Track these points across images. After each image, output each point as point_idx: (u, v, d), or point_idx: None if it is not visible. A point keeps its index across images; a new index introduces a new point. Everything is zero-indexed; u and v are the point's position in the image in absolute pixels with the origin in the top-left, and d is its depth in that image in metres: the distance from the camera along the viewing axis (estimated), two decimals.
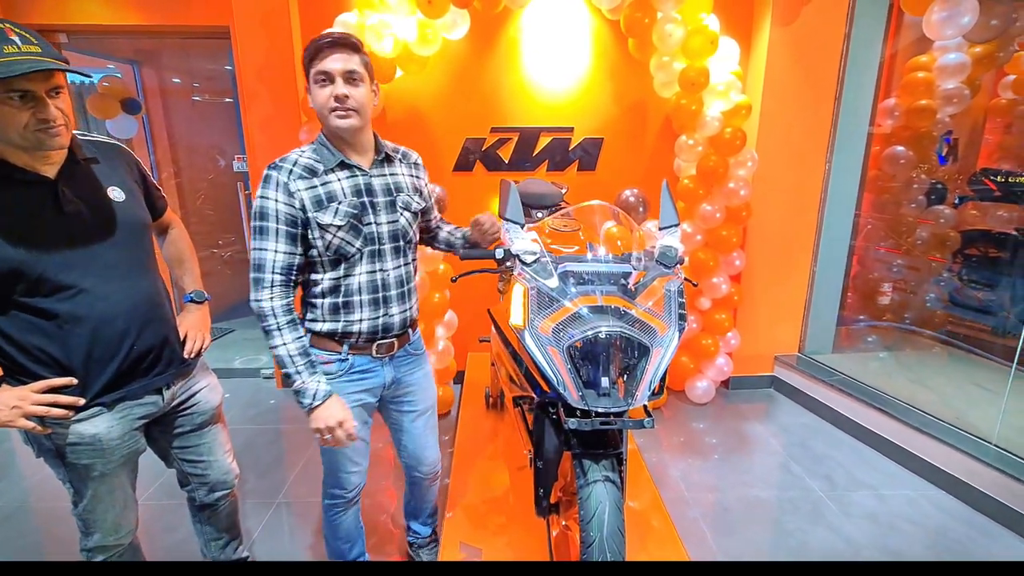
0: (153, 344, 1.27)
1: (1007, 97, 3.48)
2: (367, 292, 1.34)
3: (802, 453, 2.65)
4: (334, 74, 1.21)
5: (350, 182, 1.30)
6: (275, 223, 1.24)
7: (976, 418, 2.48)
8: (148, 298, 1.26)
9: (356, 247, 1.31)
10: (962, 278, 3.60)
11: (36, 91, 1.03)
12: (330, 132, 1.29)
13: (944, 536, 2.06)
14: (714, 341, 3.07)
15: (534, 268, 1.27)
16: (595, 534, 1.14)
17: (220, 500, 1.57)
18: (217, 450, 1.51)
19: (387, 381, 1.46)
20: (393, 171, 1.39)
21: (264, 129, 2.93)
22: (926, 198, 3.56)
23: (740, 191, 2.79)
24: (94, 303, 1.15)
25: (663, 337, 1.20)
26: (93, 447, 1.21)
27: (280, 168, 1.25)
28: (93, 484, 1.26)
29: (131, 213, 1.24)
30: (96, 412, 1.21)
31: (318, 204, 1.25)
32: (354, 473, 1.51)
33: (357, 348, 1.38)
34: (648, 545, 1.72)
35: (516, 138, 3.06)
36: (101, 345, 1.18)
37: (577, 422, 1.15)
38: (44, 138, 1.06)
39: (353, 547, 1.66)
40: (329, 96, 1.21)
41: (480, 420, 2.58)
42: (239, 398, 3.23)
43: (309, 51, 1.23)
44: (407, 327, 1.46)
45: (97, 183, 1.20)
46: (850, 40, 2.86)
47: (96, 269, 1.16)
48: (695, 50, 2.53)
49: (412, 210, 1.41)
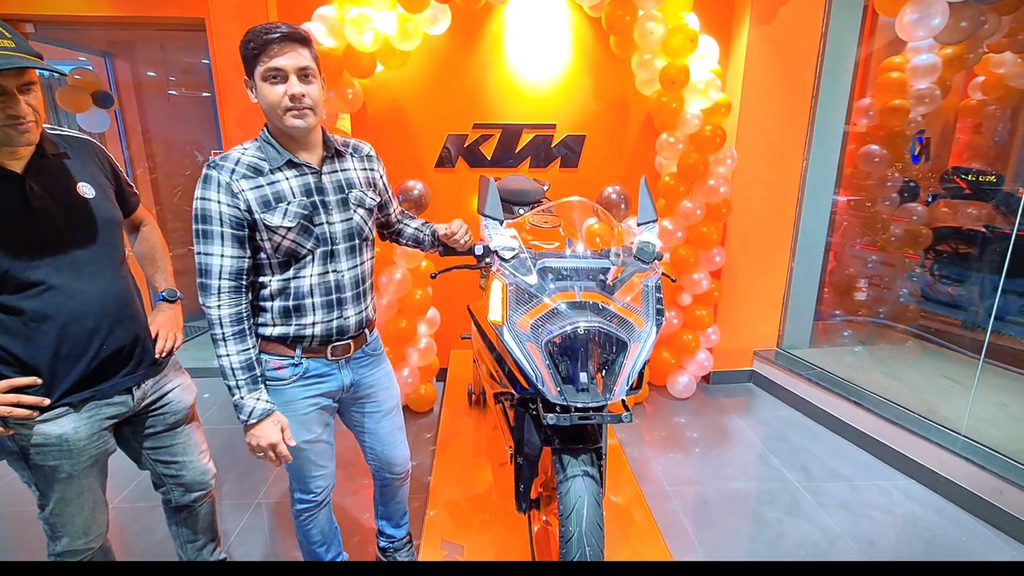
0: (123, 343, 1.25)
1: (976, 98, 3.58)
2: (320, 295, 1.28)
3: (780, 446, 2.70)
4: (287, 71, 1.14)
5: (299, 181, 1.23)
6: (219, 226, 1.18)
7: (946, 410, 2.55)
8: (118, 296, 1.24)
9: (307, 248, 1.25)
10: (934, 274, 3.70)
11: (7, 86, 1.02)
12: (278, 130, 1.22)
13: (914, 524, 2.12)
14: (695, 337, 3.11)
15: (512, 264, 1.27)
16: (574, 528, 1.15)
17: (197, 501, 1.54)
18: (192, 450, 1.48)
19: (345, 384, 1.40)
20: (344, 167, 1.33)
21: (241, 124, 2.87)
22: (899, 196, 3.64)
23: (720, 188, 2.83)
24: (62, 301, 1.13)
25: (640, 332, 1.21)
26: (60, 448, 1.19)
27: (221, 167, 1.17)
28: (60, 486, 1.23)
29: (101, 209, 1.22)
30: (63, 412, 1.18)
31: (265, 205, 1.19)
32: (320, 476, 1.46)
33: (310, 351, 1.32)
34: (628, 539, 1.74)
35: (498, 134, 3.05)
36: (69, 344, 1.15)
37: (556, 417, 1.15)
38: (13, 134, 1.05)
39: (329, 549, 1.61)
40: (283, 95, 1.14)
41: (463, 417, 2.57)
42: (217, 398, 3.18)
43: (253, 45, 1.13)
44: (363, 328, 1.40)
45: (66, 178, 1.17)
46: (826, 40, 2.92)
47: (64, 266, 1.14)
48: (675, 48, 2.55)
49: (366, 207, 1.35)
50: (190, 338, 3.99)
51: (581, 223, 1.47)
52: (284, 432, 1.26)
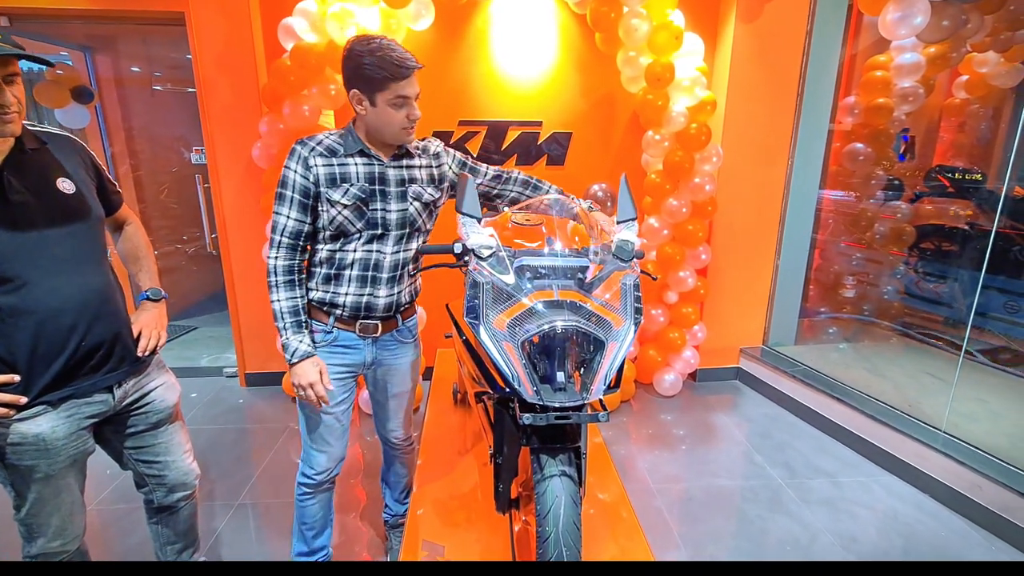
0: (103, 340, 1.23)
1: (960, 97, 3.62)
2: (358, 268, 1.43)
3: (764, 443, 2.71)
4: (411, 99, 1.36)
5: (365, 168, 1.40)
6: (291, 192, 1.36)
7: (927, 406, 2.58)
8: (98, 292, 1.22)
9: (357, 227, 1.40)
10: (917, 271, 3.74)
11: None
12: (382, 137, 1.40)
13: (895, 520, 2.14)
14: (681, 334, 3.11)
15: (489, 263, 1.26)
16: (551, 529, 1.14)
17: (180, 502, 1.52)
18: (175, 450, 1.47)
19: (367, 360, 1.53)
20: (411, 164, 1.48)
21: (223, 120, 2.83)
22: (884, 193, 3.67)
23: (706, 186, 2.83)
24: (40, 296, 1.12)
25: (618, 331, 1.20)
26: (36, 447, 1.16)
27: (306, 144, 1.37)
28: (36, 487, 1.20)
29: (82, 205, 1.21)
30: (40, 411, 1.16)
31: (331, 181, 1.37)
32: (323, 453, 1.54)
33: (342, 322, 1.47)
34: (610, 538, 1.73)
35: (484, 131, 3.03)
36: (46, 340, 1.14)
37: (532, 417, 1.14)
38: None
39: (317, 536, 1.66)
40: (405, 117, 1.37)
41: (448, 416, 2.56)
42: (203, 397, 3.14)
43: (390, 70, 1.30)
44: (393, 312, 1.52)
45: (45, 173, 1.16)
46: (811, 38, 2.93)
47: (43, 261, 1.12)
48: (660, 45, 2.54)
49: (423, 200, 1.49)
50: (174, 337, 3.95)
51: (562, 220, 1.46)
52: (323, 375, 1.40)
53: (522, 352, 1.15)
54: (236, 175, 2.92)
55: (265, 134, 2.62)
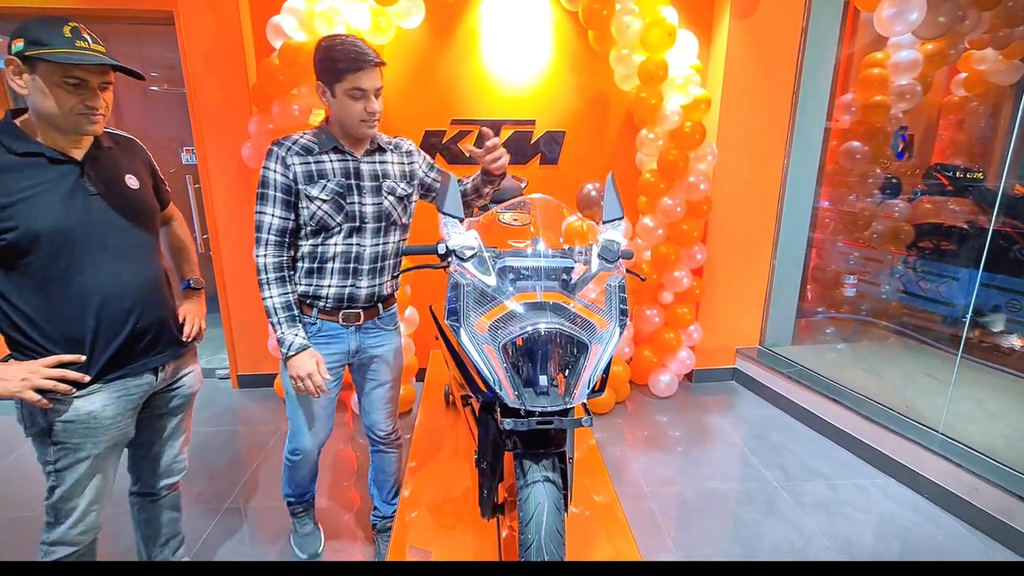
0: (154, 323, 1.33)
1: (959, 94, 3.58)
2: (340, 261, 1.50)
3: (760, 445, 2.69)
4: (369, 91, 1.38)
5: (340, 164, 1.47)
6: (273, 191, 1.42)
7: (924, 407, 2.55)
8: (152, 280, 1.33)
9: (337, 221, 1.47)
10: (916, 270, 3.70)
11: (90, 82, 1.14)
12: (345, 130, 1.46)
13: (891, 523, 2.11)
14: (676, 335, 3.08)
15: (471, 264, 1.23)
16: (533, 536, 1.11)
17: (163, 490, 1.56)
18: (179, 436, 1.55)
19: (351, 348, 1.60)
20: (383, 159, 1.54)
21: (212, 119, 2.81)
22: (881, 192, 3.64)
23: (700, 185, 2.80)
24: (104, 279, 1.22)
25: (603, 333, 1.17)
26: (87, 425, 1.24)
27: (282, 144, 1.44)
28: (79, 467, 1.26)
29: (144, 200, 1.33)
30: (95, 388, 1.24)
31: (309, 178, 1.43)
32: (305, 436, 1.65)
33: (326, 313, 1.54)
34: (599, 541, 1.71)
35: (477, 131, 3.00)
36: (107, 322, 1.23)
37: (513, 422, 1.11)
38: (84, 123, 1.16)
39: (303, 494, 1.91)
40: (363, 110, 1.40)
41: (439, 419, 2.53)
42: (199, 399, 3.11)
43: (344, 63, 1.34)
44: (375, 301, 1.59)
45: (116, 170, 1.28)
46: (807, 35, 2.89)
47: (110, 248, 1.23)
48: (653, 43, 2.51)
49: (396, 195, 1.55)
50: None
51: (549, 220, 1.43)
52: (320, 365, 1.47)
53: (503, 355, 1.13)
54: (227, 176, 2.90)
55: (254, 134, 2.60)
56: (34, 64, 1.09)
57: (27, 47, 1.07)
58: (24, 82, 1.11)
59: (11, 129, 1.15)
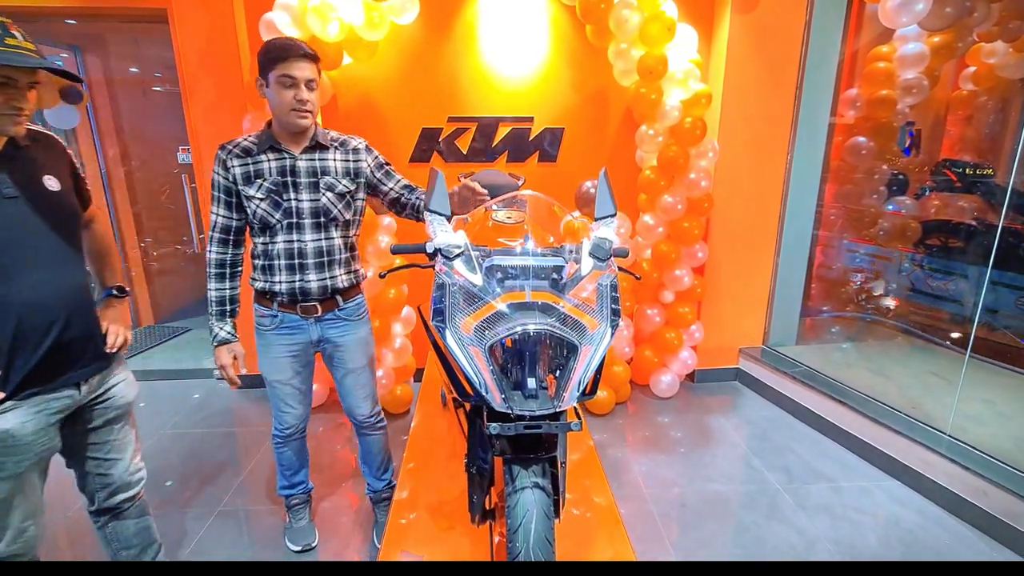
0: (78, 335, 1.26)
1: (968, 89, 3.50)
2: (284, 258, 1.56)
3: (763, 446, 2.63)
4: (299, 80, 1.44)
5: (277, 163, 1.52)
6: (217, 191, 1.53)
7: (932, 408, 2.49)
8: (76, 288, 1.26)
9: (276, 218, 1.53)
10: (923, 268, 3.63)
11: (19, 81, 1.11)
12: (281, 124, 1.51)
13: (896, 527, 2.06)
14: (677, 334, 3.04)
15: (457, 263, 1.19)
16: (521, 545, 1.08)
17: (124, 503, 1.48)
18: (125, 448, 1.46)
19: (313, 339, 1.68)
20: (323, 157, 1.57)
21: (208, 118, 2.79)
22: (888, 189, 3.57)
23: (701, 182, 2.75)
24: (24, 290, 1.15)
25: (593, 334, 1.13)
26: (4, 443, 1.16)
27: (224, 148, 1.52)
28: (2, 486, 1.18)
29: (64, 203, 1.26)
30: (9, 407, 1.17)
31: (247, 179, 1.51)
32: (286, 413, 1.77)
33: (284, 306, 1.62)
34: (594, 542, 1.67)
35: (474, 128, 2.96)
36: (26, 335, 1.16)
37: (499, 427, 1.07)
38: (7, 122, 1.11)
39: (295, 474, 1.93)
40: (292, 98, 1.45)
41: (436, 420, 2.49)
42: (190, 400, 3.10)
43: (274, 53, 1.43)
44: (329, 294, 1.64)
45: (35, 170, 1.21)
46: (811, 28, 2.83)
47: (28, 255, 1.16)
48: (652, 37, 2.46)
49: (336, 191, 1.58)
50: (168, 338, 3.92)
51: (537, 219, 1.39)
52: (236, 360, 1.59)
53: (490, 357, 1.09)
54: None
55: (248, 132, 2.56)
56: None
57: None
58: None
59: None
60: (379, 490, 2.03)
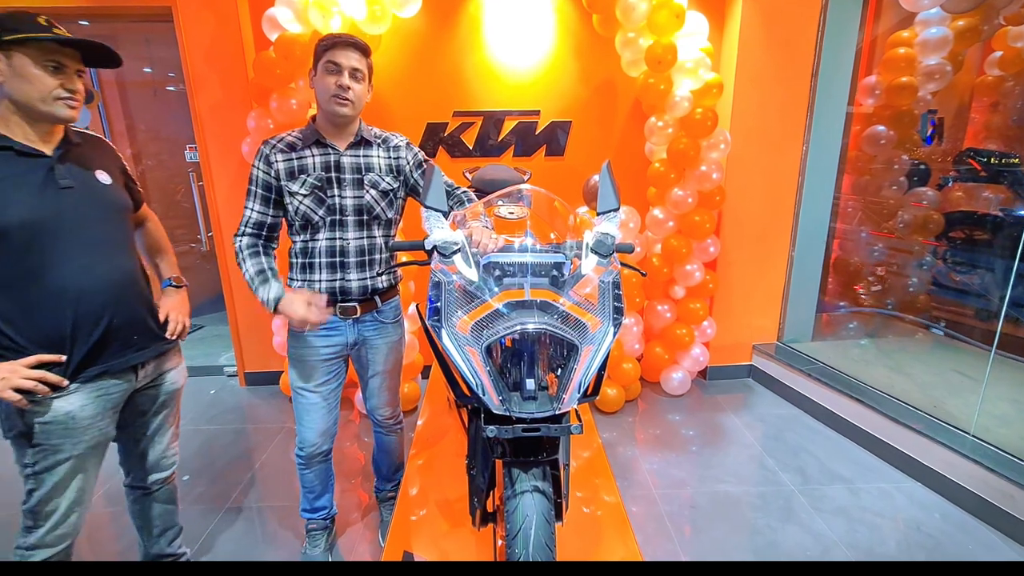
0: (131, 320, 1.32)
1: (993, 74, 3.36)
2: (326, 256, 1.52)
3: (777, 445, 2.57)
4: (343, 67, 1.42)
5: (321, 158, 1.49)
6: (255, 187, 1.49)
7: (955, 407, 2.40)
8: (128, 275, 1.32)
9: (319, 215, 1.50)
10: (946, 261, 3.51)
11: (68, 66, 1.17)
12: (325, 116, 1.49)
13: (917, 531, 1.99)
14: (689, 331, 2.97)
15: (455, 260, 1.16)
16: (520, 550, 1.04)
17: (155, 484, 1.56)
18: (166, 433, 1.54)
19: (349, 341, 1.63)
20: (367, 153, 1.55)
21: (214, 115, 2.78)
22: (908, 179, 3.45)
23: (713, 174, 2.68)
24: (79, 275, 1.21)
25: (595, 334, 1.09)
26: (65, 426, 1.22)
27: (268, 143, 1.50)
28: (59, 469, 1.24)
29: (116, 196, 1.33)
30: (72, 389, 1.23)
31: (290, 174, 1.48)
32: (308, 429, 1.66)
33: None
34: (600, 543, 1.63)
35: (480, 122, 2.92)
36: (83, 318, 1.22)
37: (496, 430, 1.04)
38: (62, 107, 1.17)
39: (318, 498, 1.82)
40: (334, 83, 1.42)
41: (442, 418, 2.47)
42: (202, 396, 3.12)
43: (326, 42, 1.43)
44: (369, 295, 1.60)
45: (87, 164, 1.28)
46: (827, 13, 2.73)
47: (83, 243, 1.22)
48: (661, 25, 2.39)
49: (380, 188, 1.56)
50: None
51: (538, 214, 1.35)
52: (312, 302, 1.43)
53: (487, 358, 1.05)
54: (228, 172, 2.87)
55: (253, 130, 2.56)
56: (9, 52, 1.11)
57: (3, 33, 1.10)
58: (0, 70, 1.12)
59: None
60: (386, 489, 2.03)
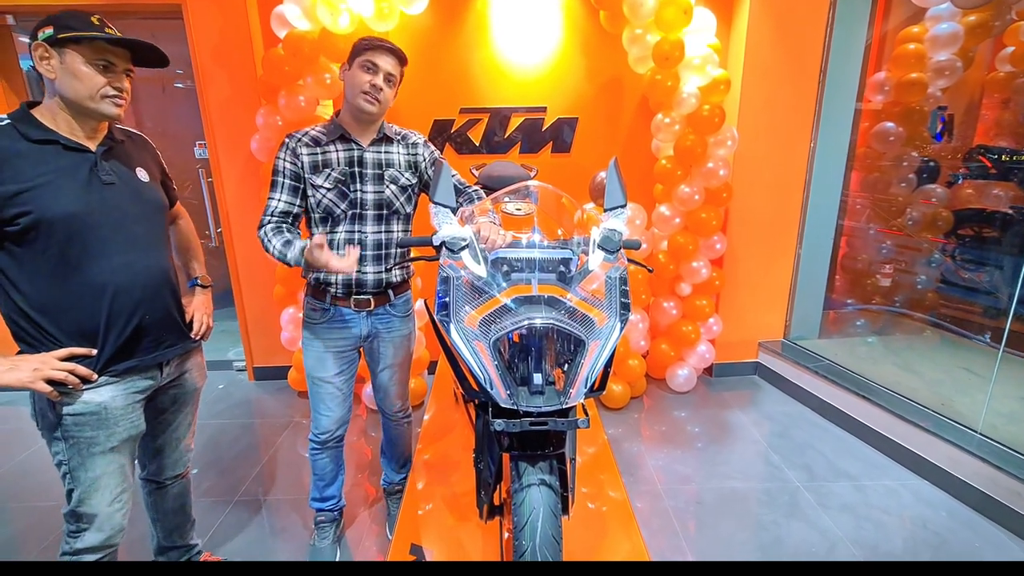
0: (163, 317, 1.34)
1: (1005, 70, 3.32)
2: (344, 249, 1.53)
3: (783, 443, 2.57)
4: (380, 69, 1.48)
5: (345, 153, 1.55)
6: (283, 178, 1.53)
7: (962, 405, 2.39)
8: (163, 273, 1.34)
9: (341, 208, 1.54)
10: (955, 258, 3.48)
11: (117, 66, 1.20)
12: (350, 110, 1.53)
13: (923, 528, 1.98)
14: (695, 328, 2.97)
15: (463, 255, 1.17)
16: (527, 543, 1.05)
17: (167, 480, 1.58)
18: (184, 431, 1.55)
19: (363, 333, 1.67)
20: (388, 149, 1.60)
21: (222, 112, 2.81)
22: (917, 176, 3.42)
23: (720, 171, 2.67)
24: (118, 269, 1.23)
25: (602, 329, 1.10)
26: (97, 416, 1.23)
27: (293, 136, 1.55)
28: (94, 463, 1.25)
29: (154, 193, 1.36)
30: (103, 382, 1.25)
31: (314, 168, 1.52)
32: (324, 416, 1.71)
33: (338, 299, 1.61)
34: (606, 540, 1.64)
35: (486, 119, 2.93)
36: (117, 312, 1.24)
37: (504, 423, 1.05)
38: (109, 105, 1.19)
39: (328, 486, 1.85)
40: (367, 81, 1.47)
41: (449, 414, 2.49)
42: (210, 391, 3.16)
43: (367, 42, 1.49)
44: (383, 288, 1.64)
45: (129, 162, 1.32)
46: (835, 9, 2.72)
47: (122, 237, 1.24)
48: (668, 21, 2.39)
49: (399, 184, 1.60)
50: None
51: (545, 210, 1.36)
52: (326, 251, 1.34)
53: (494, 352, 1.06)
54: (237, 169, 2.90)
55: (262, 127, 2.58)
56: (63, 49, 1.14)
57: (59, 31, 1.12)
58: (53, 66, 1.14)
59: (27, 118, 1.17)
60: (395, 482, 2.06)
